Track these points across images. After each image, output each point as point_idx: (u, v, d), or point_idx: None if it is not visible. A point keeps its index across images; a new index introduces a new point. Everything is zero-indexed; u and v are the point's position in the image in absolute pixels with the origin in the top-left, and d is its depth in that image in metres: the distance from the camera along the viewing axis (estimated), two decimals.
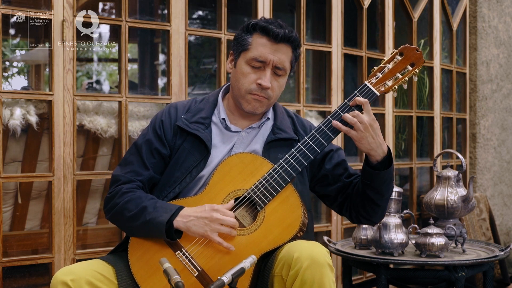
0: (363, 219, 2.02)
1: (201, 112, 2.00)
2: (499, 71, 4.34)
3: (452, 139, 4.11)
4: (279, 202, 1.83)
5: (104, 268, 1.80)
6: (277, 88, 1.96)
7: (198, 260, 1.79)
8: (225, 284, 1.50)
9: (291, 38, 1.93)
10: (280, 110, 2.07)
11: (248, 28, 1.95)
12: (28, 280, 2.58)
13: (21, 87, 8.03)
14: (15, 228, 2.79)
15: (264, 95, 1.93)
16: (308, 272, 1.65)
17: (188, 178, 1.92)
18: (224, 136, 1.99)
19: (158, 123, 2.00)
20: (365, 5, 3.43)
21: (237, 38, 1.98)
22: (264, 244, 1.79)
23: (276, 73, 1.93)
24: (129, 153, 2.00)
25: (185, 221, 1.78)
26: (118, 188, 1.91)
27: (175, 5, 2.67)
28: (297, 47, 1.98)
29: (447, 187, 2.86)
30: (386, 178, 1.90)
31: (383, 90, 1.90)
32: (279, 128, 2.01)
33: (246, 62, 1.93)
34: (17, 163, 2.69)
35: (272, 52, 1.91)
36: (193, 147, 1.95)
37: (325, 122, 1.88)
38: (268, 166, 1.86)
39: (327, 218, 3.32)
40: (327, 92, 3.32)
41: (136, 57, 6.60)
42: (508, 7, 4.42)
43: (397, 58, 1.92)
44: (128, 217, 1.84)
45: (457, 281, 2.53)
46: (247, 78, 1.92)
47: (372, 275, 3.37)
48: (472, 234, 3.63)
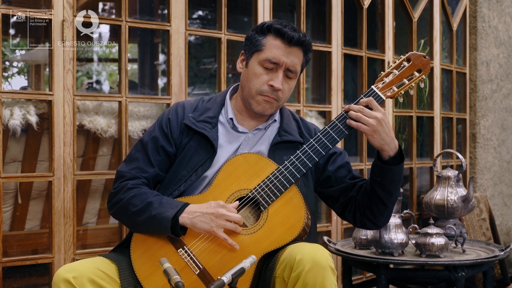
0: (368, 222, 2.01)
1: (209, 112, 2.01)
2: (499, 71, 4.34)
3: (452, 139, 4.11)
4: (283, 203, 1.84)
5: (107, 265, 1.80)
6: (287, 90, 1.97)
7: (200, 258, 1.79)
8: (225, 284, 1.50)
9: (305, 42, 1.94)
10: (286, 113, 2.08)
11: (262, 29, 1.96)
12: (28, 280, 2.58)
13: (21, 87, 8.04)
14: (15, 228, 2.79)
15: (275, 96, 1.94)
16: (310, 275, 1.65)
17: (194, 176, 1.93)
18: (231, 136, 2.00)
19: (165, 121, 2.00)
20: (365, 5, 3.43)
21: (250, 38, 1.99)
22: (266, 244, 1.79)
23: (287, 76, 1.95)
24: (135, 149, 2.00)
25: (191, 217, 1.78)
26: (123, 183, 1.91)
27: (175, 5, 2.67)
28: (308, 51, 1.99)
29: (447, 187, 2.86)
30: (397, 176, 1.91)
31: (389, 95, 1.91)
32: (285, 130, 2.01)
33: (259, 63, 1.94)
34: (17, 163, 2.69)
35: (285, 55, 1.92)
36: (199, 145, 1.96)
37: (331, 125, 1.89)
38: (273, 166, 1.87)
39: (327, 218, 3.32)
40: (327, 92, 3.32)
41: (136, 57, 6.60)
42: (508, 7, 4.42)
43: (404, 64, 1.93)
44: (132, 212, 1.84)
45: (457, 281, 2.53)
46: (259, 79, 1.93)
47: (372, 275, 3.37)
48: (472, 234, 3.63)
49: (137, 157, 1.97)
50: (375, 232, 2.62)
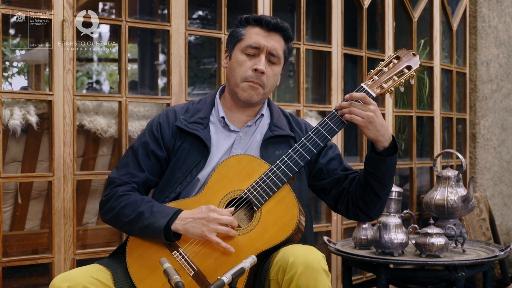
0: (361, 213, 2.03)
1: (199, 113, 2.03)
2: (499, 71, 4.34)
3: (452, 139, 4.11)
4: (276, 202, 1.85)
5: (101, 273, 1.81)
6: (272, 76, 2.00)
7: (194, 260, 1.80)
8: (225, 284, 1.50)
9: (283, 27, 2.00)
10: (275, 109, 2.11)
11: (241, 21, 2.04)
12: (28, 280, 2.58)
13: (21, 87, 8.04)
14: (15, 228, 2.79)
15: (259, 81, 1.97)
16: (303, 278, 1.65)
17: (189, 177, 1.94)
18: (223, 135, 2.02)
19: (156, 125, 2.02)
20: (365, 5, 3.43)
21: (231, 33, 2.06)
22: (260, 243, 1.80)
23: (270, 60, 1.99)
24: (125, 156, 2.02)
25: (183, 223, 1.80)
26: (113, 190, 1.92)
27: (175, 5, 2.67)
28: (289, 39, 2.04)
29: (447, 187, 2.86)
30: (391, 167, 1.92)
31: (379, 92, 1.93)
32: (276, 125, 2.04)
33: (241, 51, 1.99)
34: (17, 163, 2.69)
35: (265, 39, 1.98)
36: (192, 147, 1.97)
37: (322, 123, 1.91)
38: (265, 167, 1.88)
39: (327, 218, 3.32)
40: (327, 92, 3.32)
41: (136, 57, 6.61)
42: (508, 7, 4.42)
43: (393, 61, 1.97)
44: (125, 222, 1.86)
45: (457, 281, 2.53)
46: (243, 66, 1.98)
47: (372, 275, 3.37)
48: (472, 234, 3.63)
49: (127, 162, 1.98)
50: (375, 232, 2.61)
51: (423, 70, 4.00)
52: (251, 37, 1.98)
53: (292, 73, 4.25)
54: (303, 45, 3.13)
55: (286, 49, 2.04)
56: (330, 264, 3.25)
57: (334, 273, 3.27)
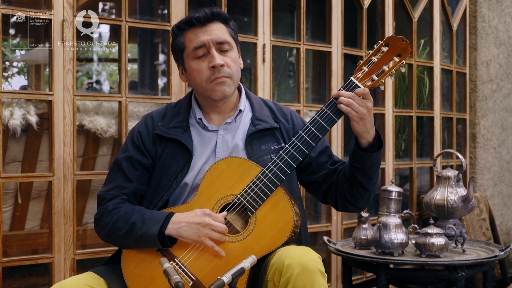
0: (349, 205, 2.02)
1: (178, 116, 2.01)
2: (499, 71, 4.34)
3: (452, 139, 4.11)
4: (270, 206, 1.81)
5: (96, 281, 1.80)
6: (232, 62, 1.95)
7: (192, 269, 1.79)
8: (225, 284, 1.50)
9: (214, 13, 1.95)
10: (256, 100, 2.07)
11: (174, 32, 2.00)
12: (28, 280, 2.58)
13: (21, 87, 8.04)
14: (15, 228, 2.79)
15: (223, 74, 1.92)
16: (299, 279, 1.65)
17: (175, 184, 1.92)
18: (204, 136, 1.99)
19: (136, 135, 2.00)
20: (365, 5, 3.43)
21: (173, 48, 2.03)
22: (257, 249, 1.78)
23: (221, 50, 1.94)
24: (111, 170, 2.00)
25: (176, 227, 1.79)
26: (104, 206, 1.91)
27: (175, 5, 2.67)
28: (226, 19, 1.99)
29: (447, 187, 2.86)
30: (376, 161, 1.92)
31: (369, 85, 1.86)
32: (258, 119, 2.00)
33: (191, 58, 1.95)
34: (17, 163, 2.69)
35: (204, 34, 1.93)
36: (175, 152, 1.95)
37: (312, 122, 1.86)
38: (257, 170, 1.84)
39: (327, 218, 3.32)
40: (327, 92, 3.32)
41: (136, 57, 6.61)
42: (508, 7, 4.42)
43: (383, 49, 1.88)
44: (120, 236, 1.84)
45: (457, 281, 2.53)
46: (200, 71, 1.93)
47: (372, 275, 3.37)
48: (472, 234, 3.63)
49: (114, 176, 1.97)
50: (375, 232, 2.61)
51: (423, 70, 4.00)
52: (191, 40, 1.94)
53: (292, 73, 4.25)
54: (303, 45, 3.13)
55: (231, 31, 1.99)
56: (330, 264, 3.25)
57: (334, 273, 3.27)
